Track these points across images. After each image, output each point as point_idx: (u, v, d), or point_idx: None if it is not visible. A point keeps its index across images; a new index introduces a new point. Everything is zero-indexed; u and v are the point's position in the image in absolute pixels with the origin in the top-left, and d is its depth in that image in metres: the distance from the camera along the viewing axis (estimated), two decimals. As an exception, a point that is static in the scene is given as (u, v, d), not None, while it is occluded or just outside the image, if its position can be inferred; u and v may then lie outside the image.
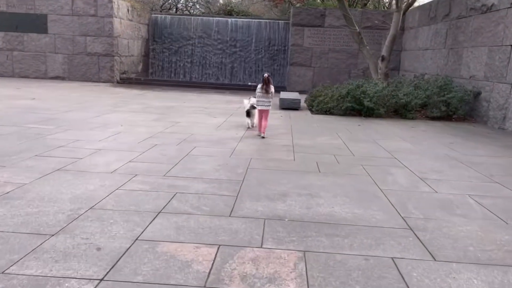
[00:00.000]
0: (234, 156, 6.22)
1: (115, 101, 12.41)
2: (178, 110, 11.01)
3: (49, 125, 7.98)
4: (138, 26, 20.97)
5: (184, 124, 8.90)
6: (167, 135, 7.61)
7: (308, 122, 10.06)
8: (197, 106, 12.23)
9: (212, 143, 7.10)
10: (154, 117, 9.60)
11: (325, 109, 11.74)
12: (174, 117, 9.76)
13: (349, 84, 12.08)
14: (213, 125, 8.98)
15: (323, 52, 18.27)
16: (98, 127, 8.06)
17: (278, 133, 8.42)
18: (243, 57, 21.90)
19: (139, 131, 7.81)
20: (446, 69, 13.42)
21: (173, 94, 15.61)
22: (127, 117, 9.45)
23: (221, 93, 17.01)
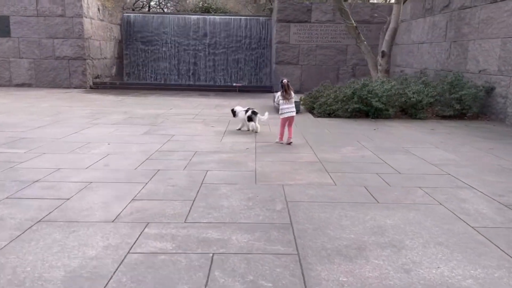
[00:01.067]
0: (260, 182, 4.92)
1: (92, 110, 10.87)
2: (167, 119, 9.60)
3: (18, 148, 6.47)
4: (110, 27, 19.29)
5: (181, 137, 7.54)
6: (167, 154, 6.23)
7: (317, 128, 8.85)
8: (186, 113, 10.83)
9: (225, 163, 5.78)
10: (143, 130, 8.18)
11: (329, 111, 10.55)
12: (166, 129, 8.37)
13: (352, 83, 10.92)
14: (214, 137, 7.66)
15: (311, 49, 17.10)
16: (80, 147, 6.60)
17: (293, 143, 7.15)
18: (224, 56, 20.53)
19: (132, 151, 6.41)
20: (448, 64, 12.44)
21: (155, 99, 14.11)
22: (111, 131, 8.00)
23: (205, 95, 15.62)
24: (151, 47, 20.62)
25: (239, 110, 8.52)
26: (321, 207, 4.13)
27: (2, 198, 4.25)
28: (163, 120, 9.52)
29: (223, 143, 7.19)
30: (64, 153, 6.20)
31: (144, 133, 7.91)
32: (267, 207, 4.12)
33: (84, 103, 12.33)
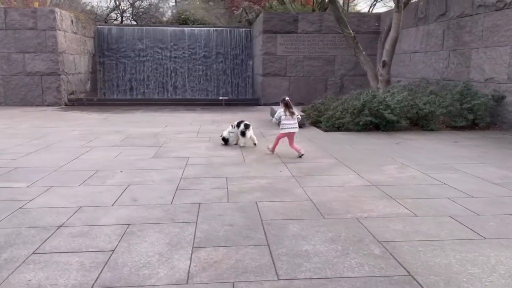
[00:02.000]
0: (328, 216, 4.18)
1: (82, 131, 9.81)
2: (169, 139, 8.73)
3: (18, 181, 5.46)
4: (83, 40, 18.13)
5: (198, 160, 6.73)
6: (196, 182, 5.41)
7: (335, 143, 8.21)
8: (185, 130, 9.97)
9: (270, 191, 5.03)
10: (151, 153, 7.29)
11: (338, 124, 9.92)
12: (175, 150, 7.52)
13: (359, 95, 10.36)
14: (234, 158, 6.89)
15: (298, 60, 16.54)
16: (90, 177, 5.65)
17: (323, 163, 6.49)
18: (204, 69, 19.71)
19: (154, 180, 5.53)
20: (448, 73, 12.12)
21: (141, 115, 13.11)
22: (115, 156, 7.05)
23: (192, 110, 14.73)
24: (126, 61, 19.57)
25: (229, 132, 8.12)
26: (426, 248, 3.42)
27: (27, 253, 3.30)
28: (165, 140, 8.62)
29: (249, 164, 6.40)
30: (75, 186, 5.24)
31: (153, 156, 7.01)
32: (362, 251, 3.37)
33: (67, 123, 11.21)
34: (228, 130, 8.09)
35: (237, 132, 7.99)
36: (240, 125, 7.98)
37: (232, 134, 8.04)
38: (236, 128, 8.04)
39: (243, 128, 7.92)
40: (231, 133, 8.04)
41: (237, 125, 8.03)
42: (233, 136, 8.04)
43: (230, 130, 8.08)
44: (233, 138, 8.05)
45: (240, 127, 7.95)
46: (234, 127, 8.09)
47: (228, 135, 8.05)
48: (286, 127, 7.15)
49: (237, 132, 7.99)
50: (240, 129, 7.94)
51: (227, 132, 8.07)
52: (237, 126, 8.04)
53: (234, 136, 8.04)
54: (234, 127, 8.08)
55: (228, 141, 8.06)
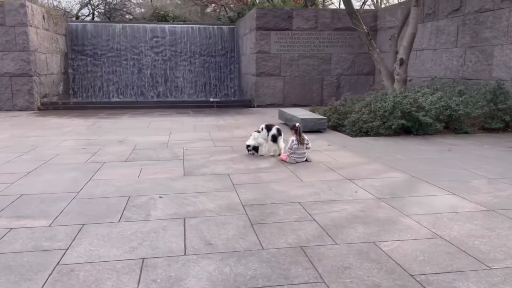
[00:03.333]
0: (497, 265, 3.07)
1: (74, 141, 8.33)
2: (185, 149, 7.51)
3: (32, 217, 4.11)
4: (55, 37, 16.33)
5: (246, 179, 5.55)
6: (271, 212, 4.25)
7: (381, 151, 7.22)
8: (195, 138, 8.71)
9: (379, 224, 3.92)
10: (178, 169, 6.06)
11: (366, 129, 8.91)
12: (206, 165, 6.32)
13: (384, 95, 9.39)
14: (288, 175, 5.76)
15: (293, 58, 15.47)
16: (125, 208, 4.35)
17: (395, 179, 5.45)
18: (188, 68, 18.30)
19: (209, 208, 4.31)
20: (463, 71, 11.38)
21: (133, 120, 11.65)
22: (136, 174, 5.78)
23: (185, 113, 13.36)
24: (102, 61, 17.89)
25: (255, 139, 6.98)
26: None
27: None
28: (182, 151, 7.32)
29: (309, 183, 5.26)
30: (115, 222, 3.92)
31: (185, 174, 5.74)
32: None
33: (51, 131, 9.62)
34: (253, 137, 6.89)
35: (265, 138, 6.84)
36: (271, 129, 6.81)
37: (262, 141, 6.85)
38: (266, 132, 6.86)
39: (275, 133, 6.77)
40: (259, 139, 6.85)
41: (267, 129, 6.86)
42: (263, 143, 6.86)
43: (256, 136, 6.88)
44: (265, 146, 6.87)
45: (271, 132, 6.78)
46: (261, 131, 6.90)
47: (257, 142, 6.85)
48: (297, 157, 6.48)
49: (265, 138, 6.84)
50: (271, 134, 6.79)
51: (253, 139, 6.88)
52: (266, 130, 6.86)
53: (264, 143, 6.86)
54: (263, 131, 6.89)
55: (258, 150, 6.86)
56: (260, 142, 6.87)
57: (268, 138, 6.86)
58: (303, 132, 8.66)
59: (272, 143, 6.85)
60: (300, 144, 6.42)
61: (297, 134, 6.48)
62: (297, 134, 6.48)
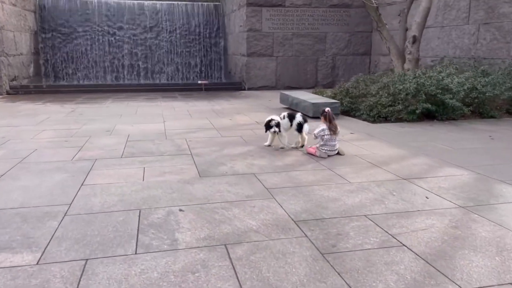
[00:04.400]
0: None
1: (54, 131, 7.02)
2: (188, 141, 6.31)
3: (11, 248, 2.89)
4: (23, 13, 14.57)
5: (279, 181, 4.45)
6: (339, 234, 3.19)
7: (419, 141, 6.23)
8: (195, 127, 7.53)
9: (486, 247, 2.84)
10: (190, 168, 4.89)
11: (385, 114, 7.87)
12: (221, 162, 5.15)
13: (402, 76, 8.35)
14: (329, 173, 4.65)
15: (286, 37, 14.26)
16: (138, 228, 3.17)
17: (461, 177, 4.41)
18: (169, 49, 16.83)
19: (250, 225, 3.23)
20: (476, 50, 10.47)
21: (117, 106, 10.29)
22: (139, 175, 4.58)
23: (172, 97, 12.04)
24: (76, 40, 16.22)
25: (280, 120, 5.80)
26: None
27: None
28: (185, 143, 6.14)
29: (362, 186, 4.20)
30: (129, 254, 2.78)
31: (202, 175, 4.60)
32: None
33: (25, 119, 8.21)
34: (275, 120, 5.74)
35: (287, 128, 5.74)
36: (294, 117, 5.69)
37: (282, 130, 5.72)
38: (288, 121, 5.73)
39: (301, 120, 5.67)
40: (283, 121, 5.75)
41: (289, 117, 5.73)
42: (284, 133, 5.75)
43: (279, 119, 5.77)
44: (285, 137, 5.76)
45: (296, 119, 5.67)
46: (283, 119, 5.77)
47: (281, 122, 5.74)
48: (329, 150, 5.37)
49: (287, 128, 5.74)
50: (296, 122, 5.69)
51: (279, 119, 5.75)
52: (289, 118, 5.73)
53: (284, 133, 5.75)
54: (284, 119, 5.76)
55: (280, 138, 5.71)
56: (280, 129, 5.74)
57: (293, 127, 5.74)
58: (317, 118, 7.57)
59: (298, 134, 5.73)
60: (332, 133, 5.29)
61: (327, 121, 5.35)
62: (327, 121, 5.35)
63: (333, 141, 5.34)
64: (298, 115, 5.77)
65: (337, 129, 5.35)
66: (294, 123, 5.73)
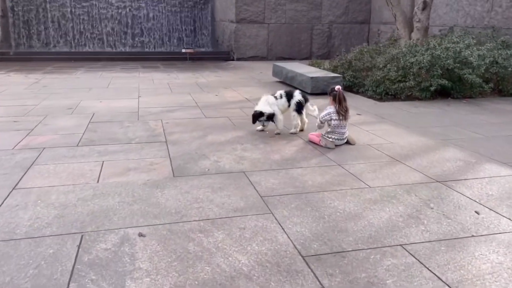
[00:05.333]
0: None
1: (5, 108, 5.79)
2: (165, 122, 5.22)
3: None
4: (-12, -29, 12.94)
5: (277, 186, 3.38)
6: (368, 274, 2.11)
7: (438, 125, 5.11)
8: (175, 104, 6.41)
9: None
10: (162, 163, 3.81)
11: (395, 91, 6.80)
12: (205, 155, 4.08)
13: (412, 47, 7.23)
14: (353, 178, 3.58)
15: (279, 2, 12.93)
16: (62, 281, 2.03)
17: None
18: (152, 14, 15.35)
19: (235, 266, 2.18)
20: (491, 18, 9.35)
21: (88, 77, 9.06)
22: (92, 172, 3.52)
23: (154, 68, 10.78)
24: (50, 3, 14.61)
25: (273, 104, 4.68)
26: None
27: None
28: (157, 124, 5.05)
29: (388, 194, 3.11)
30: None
31: (176, 173, 3.53)
32: None
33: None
34: (266, 101, 4.64)
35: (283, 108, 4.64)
36: (293, 96, 4.58)
37: (277, 111, 4.63)
38: (286, 100, 4.62)
39: (301, 99, 4.59)
40: (275, 107, 4.63)
41: (287, 96, 4.62)
42: (279, 115, 4.65)
43: (272, 102, 4.63)
44: (280, 120, 4.66)
45: (295, 98, 4.57)
46: (279, 98, 4.66)
47: (272, 110, 4.61)
48: (337, 138, 4.30)
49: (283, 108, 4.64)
50: (295, 101, 4.60)
51: (267, 104, 4.65)
52: (286, 97, 4.62)
53: (279, 115, 4.66)
54: (282, 99, 4.65)
55: (275, 121, 4.62)
56: (276, 112, 4.63)
57: (291, 107, 4.64)
58: (315, 95, 6.51)
59: (297, 115, 4.63)
60: (342, 118, 4.20)
61: (336, 102, 4.24)
62: (336, 103, 4.24)
63: (342, 127, 4.26)
64: (297, 93, 4.68)
65: (347, 112, 4.26)
66: (293, 102, 4.64)
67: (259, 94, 7.12)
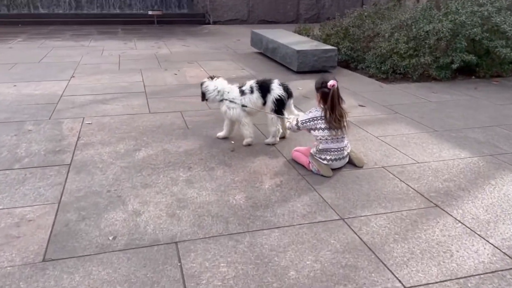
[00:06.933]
0: None
1: None
2: (83, 122, 3.47)
3: None
4: None
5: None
6: None
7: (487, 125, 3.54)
8: (112, 88, 4.75)
9: None
10: (37, 235, 2.16)
11: (404, 68, 5.17)
12: (120, 190, 2.46)
13: (424, 11, 5.55)
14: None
15: (262, -45, 10.94)
16: None
17: None
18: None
19: None
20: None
21: (25, 45, 7.26)
22: None
23: (111, 33, 8.95)
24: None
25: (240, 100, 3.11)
26: None
27: None
28: (74, 125, 3.45)
29: None
30: None
31: (45, 253, 1.86)
32: None
33: None
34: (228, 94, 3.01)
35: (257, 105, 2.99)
36: (270, 88, 2.98)
37: (246, 110, 3.00)
38: (258, 93, 2.96)
39: (282, 94, 3.07)
40: (241, 107, 2.97)
41: (261, 87, 2.96)
42: (243, 116, 2.99)
43: (236, 96, 2.95)
44: (248, 125, 3.02)
45: (273, 92, 3.01)
46: (249, 92, 2.98)
47: (232, 112, 2.98)
48: (333, 158, 2.70)
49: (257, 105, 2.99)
50: (273, 96, 3.04)
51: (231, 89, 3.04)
52: (259, 89, 2.95)
53: (244, 116, 3.01)
54: (254, 93, 2.98)
55: (242, 129, 3.02)
56: (239, 114, 2.98)
57: (268, 105, 3.01)
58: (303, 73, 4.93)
59: (276, 118, 3.01)
60: (335, 127, 2.61)
61: (326, 104, 2.61)
62: (326, 104, 2.61)
63: (338, 140, 2.64)
64: (276, 85, 3.05)
65: (343, 120, 2.61)
66: (270, 99, 3.00)
67: (231, 73, 5.47)
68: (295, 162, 2.85)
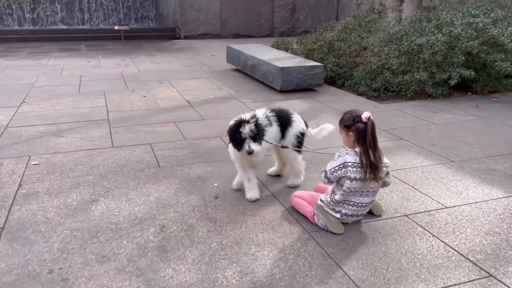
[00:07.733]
0: None
1: None
2: (24, 173, 2.77)
3: None
4: None
5: None
6: None
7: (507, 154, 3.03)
8: (70, 116, 4.03)
9: None
10: None
11: (397, 85, 4.67)
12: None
13: (414, 23, 5.11)
14: None
15: (233, -33, 10.43)
16: None
17: None
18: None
19: None
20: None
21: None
22: None
23: (73, 50, 8.18)
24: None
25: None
26: None
27: None
28: (9, 179, 2.67)
29: None
30: None
31: None
32: None
33: None
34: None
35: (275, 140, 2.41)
36: (290, 122, 2.49)
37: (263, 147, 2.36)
38: (278, 127, 2.45)
39: (304, 129, 2.50)
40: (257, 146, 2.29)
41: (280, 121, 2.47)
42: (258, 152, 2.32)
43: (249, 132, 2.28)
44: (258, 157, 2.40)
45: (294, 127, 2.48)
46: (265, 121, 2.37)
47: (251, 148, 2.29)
48: (350, 213, 2.07)
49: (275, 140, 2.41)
50: (296, 131, 2.47)
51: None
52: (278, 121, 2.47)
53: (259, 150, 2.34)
54: (272, 126, 2.40)
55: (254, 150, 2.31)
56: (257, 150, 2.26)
57: (288, 140, 2.42)
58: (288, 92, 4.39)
59: (298, 156, 2.39)
60: (372, 176, 2.00)
61: (361, 143, 2.02)
62: (361, 144, 2.02)
63: (367, 195, 2.03)
64: (297, 117, 2.44)
65: (380, 165, 2.00)
66: (291, 133, 2.37)
67: (207, 94, 4.84)
68: (296, 211, 2.23)
